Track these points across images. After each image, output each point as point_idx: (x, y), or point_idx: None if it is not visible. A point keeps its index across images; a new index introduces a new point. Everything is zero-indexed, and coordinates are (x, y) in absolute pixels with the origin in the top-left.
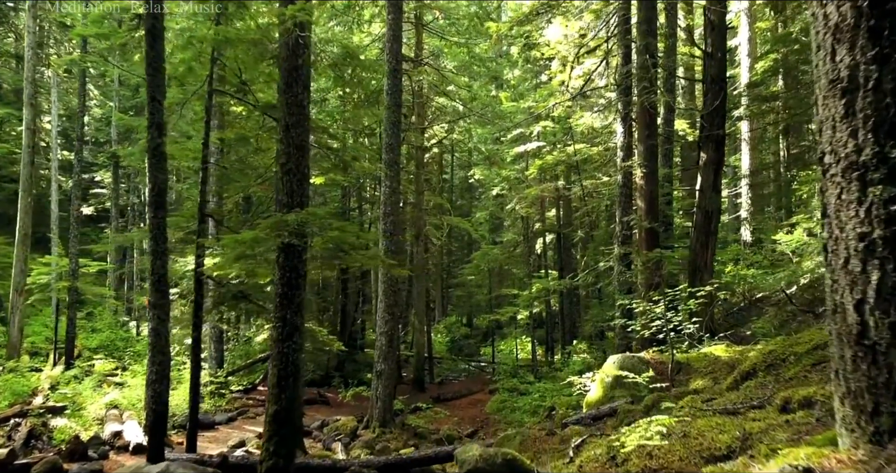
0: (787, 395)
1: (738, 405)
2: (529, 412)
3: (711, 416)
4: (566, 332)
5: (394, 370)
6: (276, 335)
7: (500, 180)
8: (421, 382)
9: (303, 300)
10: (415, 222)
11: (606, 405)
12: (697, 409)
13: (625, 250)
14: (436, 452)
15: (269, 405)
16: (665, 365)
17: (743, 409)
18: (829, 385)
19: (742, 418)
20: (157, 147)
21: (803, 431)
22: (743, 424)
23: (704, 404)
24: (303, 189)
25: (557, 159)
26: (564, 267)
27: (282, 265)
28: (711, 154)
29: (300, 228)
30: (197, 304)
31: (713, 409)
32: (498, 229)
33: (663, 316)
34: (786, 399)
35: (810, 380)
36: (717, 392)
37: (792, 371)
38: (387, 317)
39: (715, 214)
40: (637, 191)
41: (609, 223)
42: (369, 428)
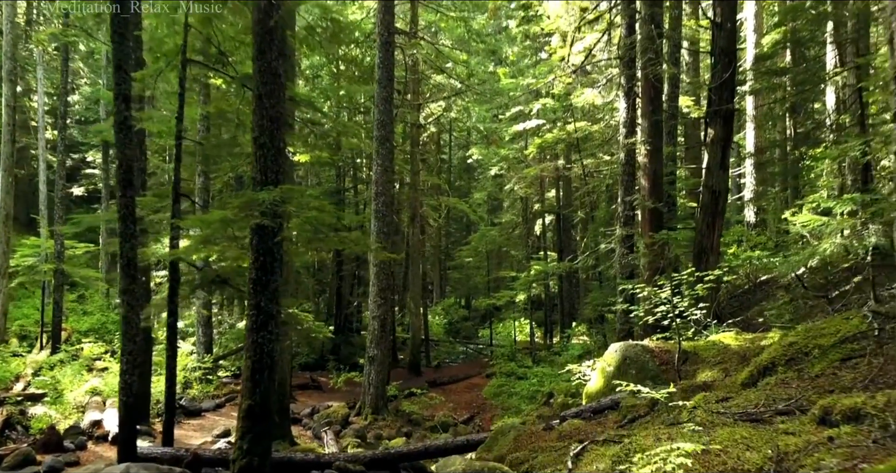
0: (827, 404)
1: (762, 408)
2: (527, 397)
3: (732, 424)
4: (565, 314)
5: (387, 355)
6: (250, 324)
7: (499, 160)
8: (417, 366)
9: (279, 286)
10: (410, 202)
11: (608, 397)
12: (713, 412)
13: (627, 232)
14: (426, 446)
15: (243, 399)
16: (670, 354)
17: (768, 414)
18: (879, 394)
19: (770, 428)
20: (123, 121)
21: (858, 456)
22: (774, 438)
23: (720, 404)
24: (277, 165)
25: (557, 138)
26: (564, 249)
27: (255, 248)
28: (719, 130)
29: (274, 207)
30: (172, 289)
31: (732, 413)
32: (496, 211)
33: (669, 301)
34: (825, 409)
35: (841, 379)
36: (731, 389)
37: (818, 368)
38: (379, 301)
39: (722, 193)
40: (640, 169)
41: (610, 204)
42: (361, 415)
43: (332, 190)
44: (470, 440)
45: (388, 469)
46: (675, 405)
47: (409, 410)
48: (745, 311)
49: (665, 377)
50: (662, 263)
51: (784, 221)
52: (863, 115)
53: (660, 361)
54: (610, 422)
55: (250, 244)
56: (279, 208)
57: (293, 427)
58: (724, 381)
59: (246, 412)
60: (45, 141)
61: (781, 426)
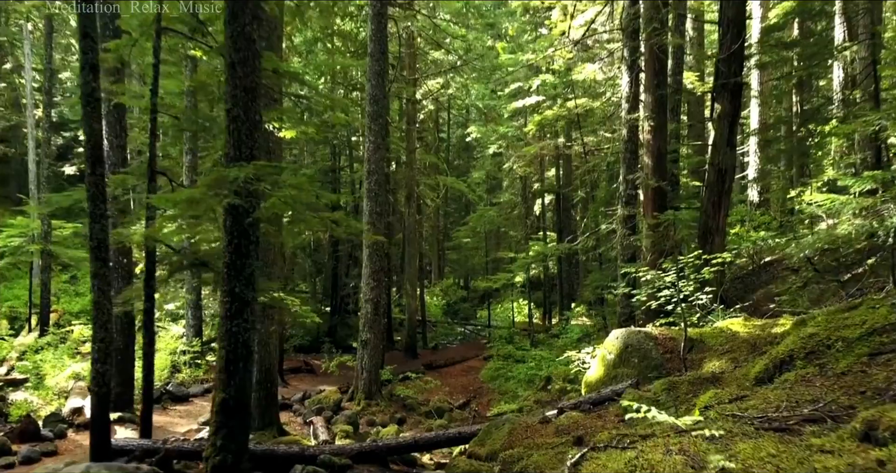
0: (871, 417)
1: (784, 412)
2: (524, 381)
3: (754, 433)
4: (564, 295)
5: (380, 339)
6: (224, 311)
7: (497, 138)
8: (413, 348)
9: (255, 271)
10: (407, 181)
11: (608, 387)
12: (728, 416)
13: (629, 212)
14: (416, 439)
15: (217, 392)
16: (675, 342)
17: (794, 422)
18: None
19: (801, 442)
20: (91, 92)
21: None
22: (809, 458)
23: (734, 405)
24: (253, 140)
25: (557, 115)
26: (564, 229)
27: (229, 230)
28: (727, 105)
29: (246, 186)
30: (148, 272)
31: (750, 417)
32: (495, 190)
33: (674, 286)
34: (869, 423)
35: (873, 378)
36: (743, 384)
37: (843, 364)
38: (372, 283)
39: (729, 171)
40: (643, 146)
41: (611, 183)
42: (354, 400)
43: (327, 169)
44: (462, 432)
45: (377, 463)
46: (683, 404)
47: (404, 394)
48: (750, 293)
49: (669, 367)
50: (668, 245)
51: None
52: (877, 89)
53: (663, 349)
54: (611, 415)
55: (223, 226)
56: (252, 187)
57: (283, 413)
58: (733, 373)
59: (220, 406)
60: (34, 119)
61: (815, 440)
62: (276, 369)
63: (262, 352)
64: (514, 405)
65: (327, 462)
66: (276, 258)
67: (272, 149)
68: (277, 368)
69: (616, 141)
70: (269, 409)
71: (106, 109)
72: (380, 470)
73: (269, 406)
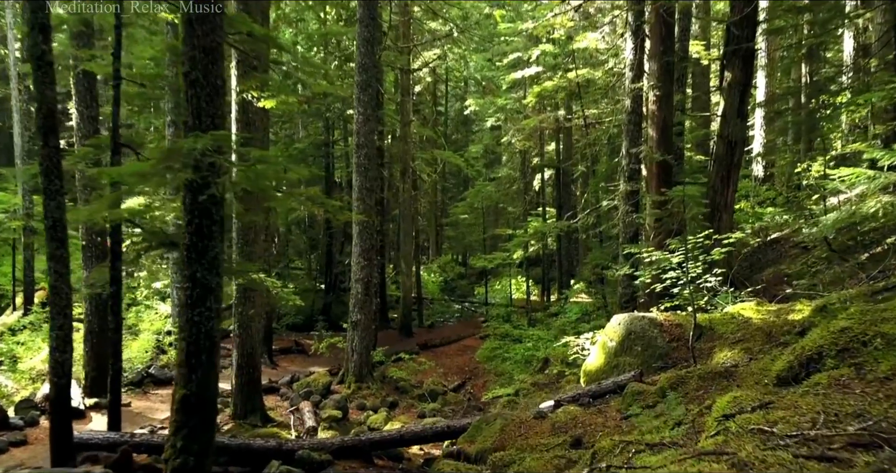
0: None
1: (824, 429)
2: (521, 362)
3: (792, 462)
4: (564, 272)
5: (371, 320)
6: (185, 298)
7: (495, 111)
8: (408, 327)
9: (220, 254)
10: (401, 156)
11: (610, 379)
12: (753, 431)
13: (631, 188)
14: (401, 433)
15: (176, 388)
16: (682, 329)
17: (839, 445)
18: None
19: None
20: (41, 55)
21: None
22: None
23: (759, 414)
24: (214, 107)
25: (557, 86)
26: (563, 205)
27: (189, 208)
28: (738, 73)
29: (204, 159)
30: (114, 253)
31: (781, 436)
32: (494, 165)
33: (682, 267)
34: None
35: None
36: (764, 384)
37: (885, 366)
38: (362, 262)
39: (739, 144)
40: (648, 118)
41: (612, 157)
42: (344, 383)
43: (320, 142)
44: (451, 426)
45: (360, 458)
46: (694, 403)
47: (397, 376)
48: (757, 273)
49: (675, 356)
50: (675, 224)
51: (797, 175)
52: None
53: (669, 336)
54: (612, 410)
55: (182, 203)
56: (209, 160)
57: (270, 397)
58: (749, 367)
59: (180, 404)
60: (17, 91)
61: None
62: (258, 353)
63: (244, 336)
64: (510, 389)
65: (306, 459)
66: (257, 237)
67: (252, 120)
68: (266, 349)
69: (619, 113)
70: (252, 395)
71: (75, 78)
72: (363, 466)
73: (252, 393)
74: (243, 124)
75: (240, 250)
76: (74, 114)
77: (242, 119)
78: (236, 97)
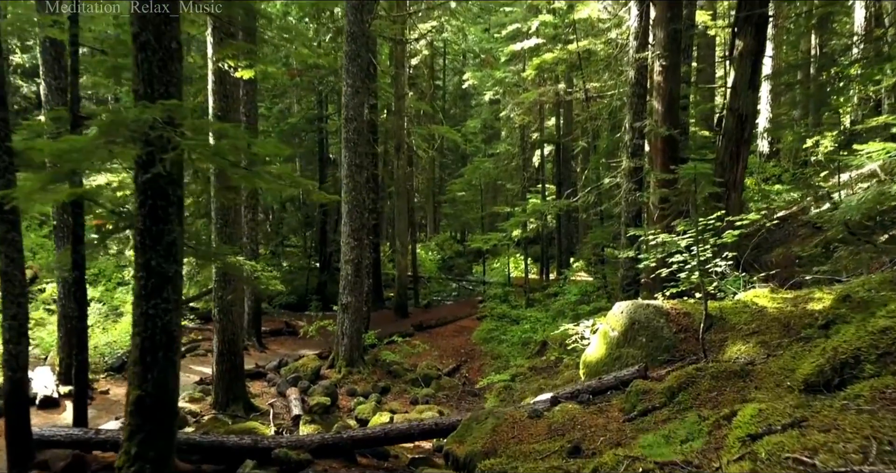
0: None
1: (880, 465)
2: (519, 344)
3: None
4: (563, 250)
5: (362, 302)
6: (138, 289)
7: (494, 84)
8: (403, 307)
9: (178, 239)
10: (395, 131)
11: (612, 373)
12: (788, 460)
13: (635, 164)
14: (385, 431)
15: (130, 388)
16: (690, 318)
17: None
18: None
19: None
20: None
21: None
22: None
23: (794, 438)
24: (169, 74)
25: (558, 58)
26: (563, 182)
27: (142, 188)
28: (750, 41)
29: (154, 132)
30: (76, 235)
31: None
32: (493, 140)
33: (690, 251)
34: None
35: None
36: (787, 387)
37: None
38: (352, 242)
39: (750, 118)
40: (653, 90)
41: (613, 132)
42: (335, 368)
43: (312, 117)
44: (438, 423)
45: (341, 456)
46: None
47: (390, 360)
48: (764, 254)
49: (683, 349)
50: (685, 204)
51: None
52: None
53: (676, 326)
54: (614, 410)
55: (135, 183)
56: (162, 134)
57: (256, 383)
58: (768, 365)
59: (135, 406)
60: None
61: None
62: (240, 338)
63: (225, 321)
64: (505, 375)
65: (283, 458)
66: (237, 217)
67: (230, 92)
68: (255, 332)
69: (622, 85)
70: (235, 383)
71: (41, 46)
72: (344, 466)
73: (234, 380)
74: (221, 96)
75: (219, 231)
76: (42, 85)
77: (220, 91)
78: (212, 66)
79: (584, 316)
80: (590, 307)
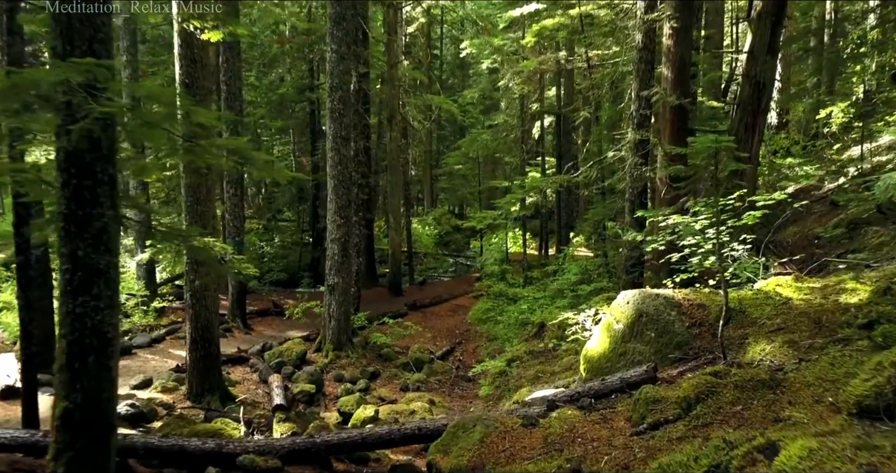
0: None
1: None
2: (515, 325)
3: None
4: (563, 225)
5: (349, 283)
6: (63, 284)
7: (492, 52)
8: (397, 285)
9: (110, 224)
10: (388, 101)
11: (616, 374)
12: None
13: (641, 136)
14: (363, 436)
15: (57, 400)
16: (705, 311)
17: None
18: None
19: None
20: None
21: None
22: None
23: None
24: (93, 28)
25: (558, 23)
26: (564, 154)
27: (63, 166)
28: (769, 2)
29: (73, 95)
30: (17, 217)
31: None
32: (491, 111)
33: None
34: None
35: None
36: (840, 419)
37: None
38: (339, 220)
39: (768, 85)
40: (663, 55)
41: (616, 103)
42: (321, 352)
43: (303, 87)
44: (421, 428)
45: (315, 463)
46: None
47: (381, 342)
48: (776, 233)
49: (697, 346)
50: (703, 181)
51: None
52: None
53: (689, 320)
54: (620, 419)
55: (56, 160)
56: (65, 98)
57: (238, 369)
58: (800, 372)
59: (61, 420)
60: None
61: None
62: (215, 325)
63: (198, 307)
64: (500, 361)
65: (248, 466)
66: (210, 196)
67: (198, 57)
68: (240, 313)
69: (627, 51)
70: (210, 372)
71: None
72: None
73: (210, 369)
74: (188, 61)
75: (189, 210)
76: None
77: (186, 55)
78: (178, 27)
79: (584, 297)
80: (591, 287)
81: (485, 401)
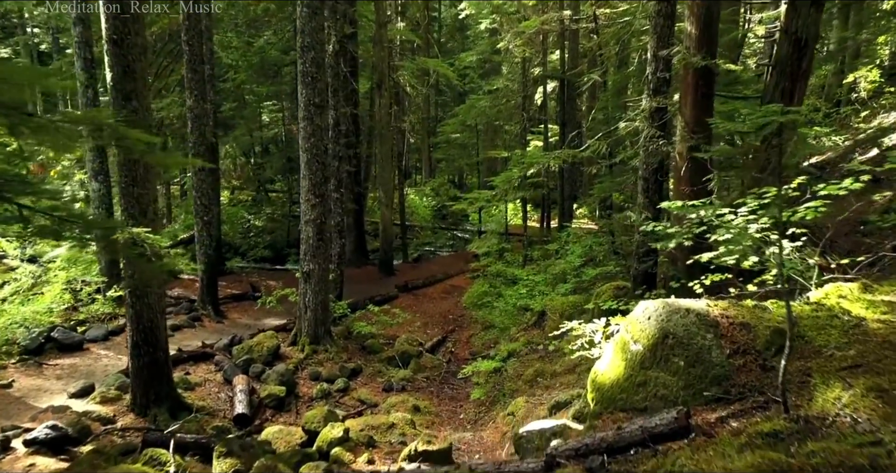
0: None
1: None
2: (514, 312)
3: None
4: (566, 197)
5: (327, 269)
6: None
7: (491, 11)
8: (389, 264)
9: None
10: (377, 64)
11: (637, 422)
12: None
13: (658, 104)
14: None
15: None
16: (750, 332)
17: None
18: None
19: None
20: None
21: None
22: None
23: None
24: None
25: None
26: (567, 122)
27: None
28: None
29: None
30: None
31: None
32: (490, 75)
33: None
34: None
35: None
36: None
37: None
38: (313, 200)
39: (811, 43)
40: (686, 7)
41: (624, 68)
42: (297, 345)
43: (287, 49)
44: None
45: None
46: None
47: (365, 332)
48: None
49: (742, 383)
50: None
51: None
52: None
53: (730, 346)
54: None
55: None
56: None
57: (201, 368)
58: None
59: None
60: None
61: None
62: (161, 326)
63: (139, 305)
64: (495, 362)
65: None
66: (149, 175)
67: (135, 15)
68: (210, 299)
69: (638, 9)
70: (156, 380)
71: None
72: None
73: (156, 377)
74: (117, 21)
75: (123, 192)
76: None
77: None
78: None
79: (588, 283)
80: (596, 271)
81: (476, 407)
